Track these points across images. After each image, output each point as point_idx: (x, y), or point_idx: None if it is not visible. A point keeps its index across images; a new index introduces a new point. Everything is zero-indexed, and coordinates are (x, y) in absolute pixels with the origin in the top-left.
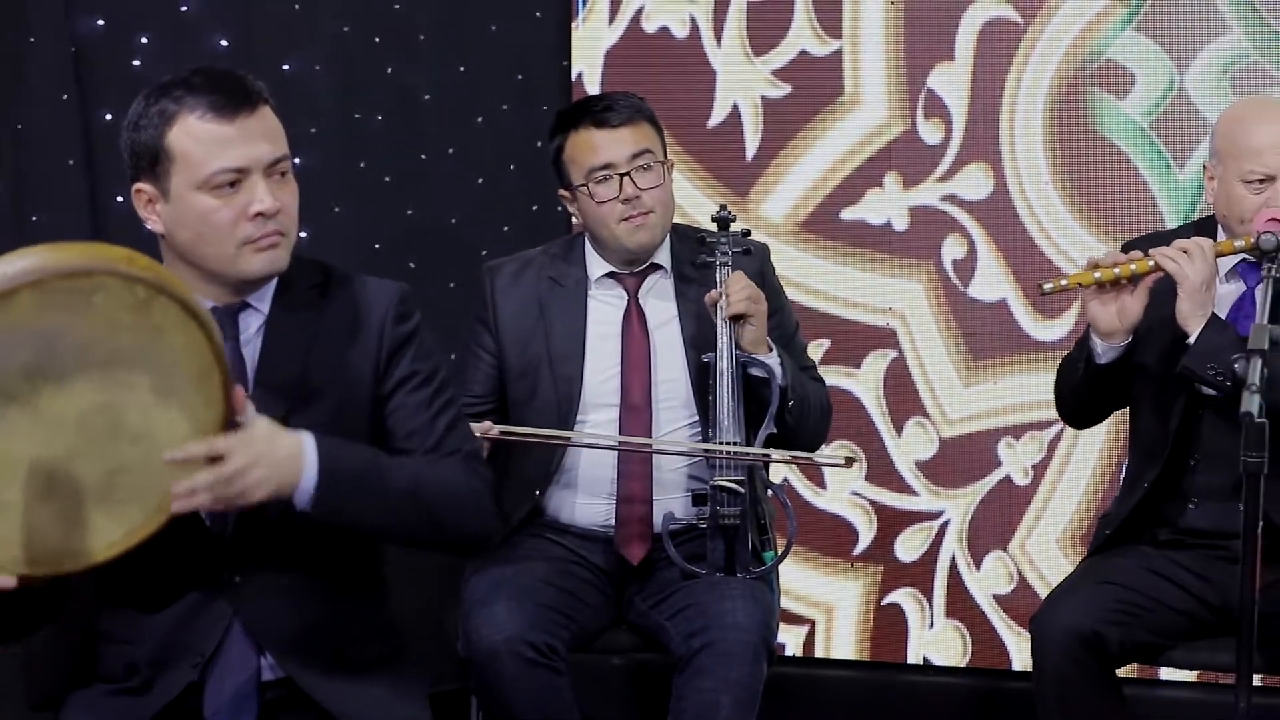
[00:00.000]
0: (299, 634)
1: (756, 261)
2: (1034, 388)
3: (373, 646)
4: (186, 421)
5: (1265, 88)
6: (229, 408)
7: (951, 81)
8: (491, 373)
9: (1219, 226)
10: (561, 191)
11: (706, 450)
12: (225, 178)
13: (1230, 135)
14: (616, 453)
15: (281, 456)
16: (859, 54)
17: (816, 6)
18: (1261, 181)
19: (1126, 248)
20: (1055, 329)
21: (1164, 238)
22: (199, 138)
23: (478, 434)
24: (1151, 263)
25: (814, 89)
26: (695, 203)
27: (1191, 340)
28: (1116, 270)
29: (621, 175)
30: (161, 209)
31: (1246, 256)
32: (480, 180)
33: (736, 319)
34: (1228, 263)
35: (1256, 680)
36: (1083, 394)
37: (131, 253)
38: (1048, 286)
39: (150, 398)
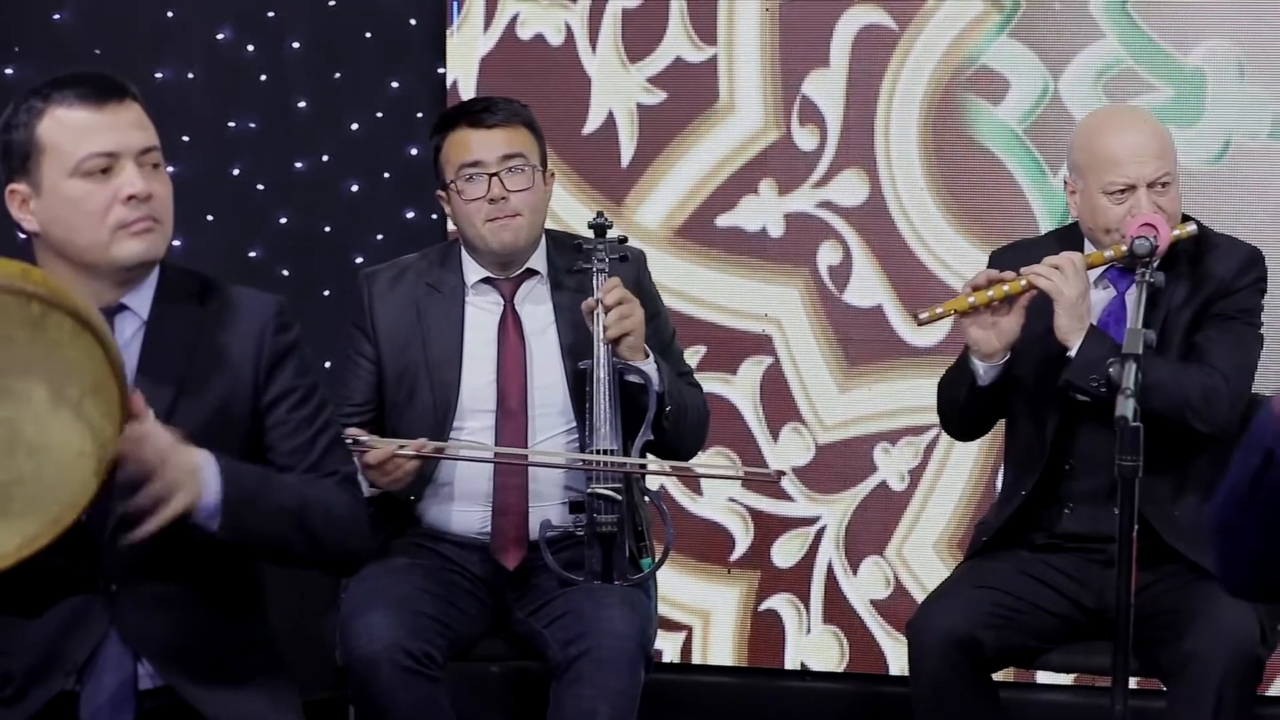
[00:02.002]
0: (176, 642)
1: (633, 268)
2: (910, 393)
3: (250, 655)
4: (84, 433)
5: (1139, 93)
6: (128, 417)
7: (827, 88)
8: (371, 379)
9: (1084, 235)
10: (438, 192)
11: (613, 462)
12: (97, 163)
13: (1088, 148)
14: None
15: (186, 468)
16: (734, 61)
17: (692, 14)
18: (1123, 191)
19: (993, 258)
20: (931, 335)
21: (1029, 247)
22: (69, 125)
23: (413, 450)
24: (1024, 282)
25: (689, 96)
26: (571, 210)
27: (1072, 354)
28: (991, 293)
29: (491, 175)
30: (35, 205)
31: (1115, 263)
32: (354, 188)
33: (617, 337)
34: (1095, 270)
35: (1132, 683)
36: (968, 414)
37: (26, 266)
38: (924, 316)
39: (46, 410)
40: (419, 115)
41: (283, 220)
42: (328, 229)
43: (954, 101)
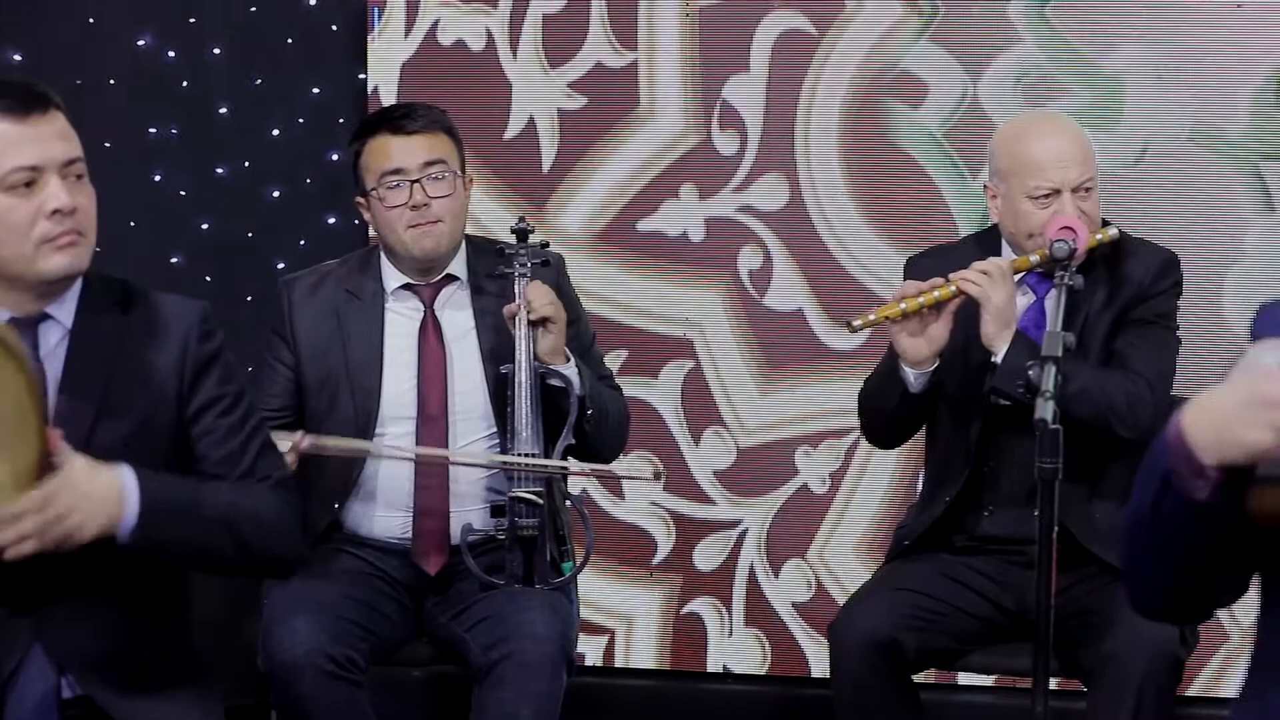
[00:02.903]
0: (99, 654)
1: (554, 273)
2: (831, 397)
3: (172, 663)
4: (2, 462)
5: (1056, 98)
6: (45, 449)
7: (747, 92)
8: (289, 385)
9: (1003, 240)
10: (358, 198)
11: (506, 462)
12: (20, 176)
13: (1010, 153)
14: (414, 465)
15: (103, 494)
16: (655, 65)
17: (612, 19)
18: (1047, 196)
19: (909, 264)
20: (851, 338)
21: (947, 252)
22: None
23: (287, 445)
24: (953, 288)
25: (610, 100)
26: (492, 215)
27: (998, 359)
28: (921, 300)
29: (412, 182)
30: None
31: (1040, 267)
32: (276, 194)
33: (541, 323)
34: (1018, 275)
35: (1053, 683)
36: (897, 422)
37: None
38: (856, 323)
39: None
40: (340, 121)
41: (204, 226)
42: (249, 235)
43: (873, 106)
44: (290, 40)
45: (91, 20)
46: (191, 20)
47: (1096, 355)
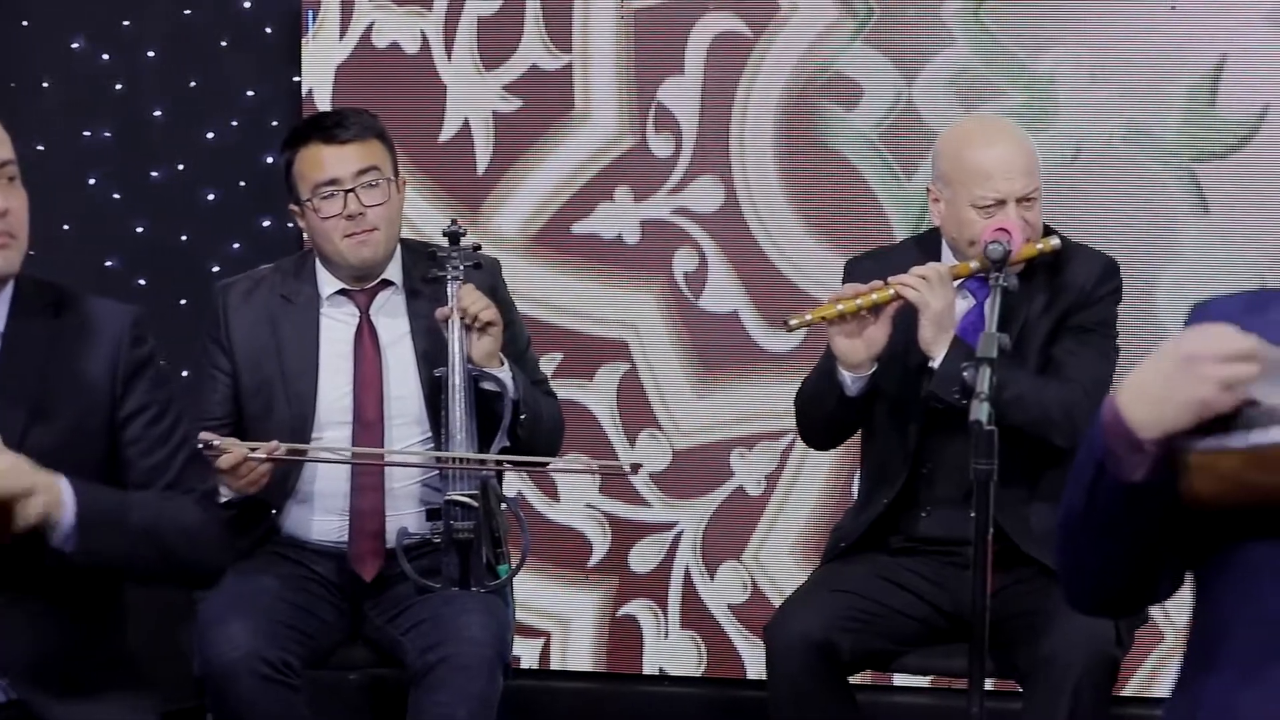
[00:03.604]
0: (34, 659)
1: (488, 276)
2: (766, 398)
3: (107, 668)
4: None
5: (991, 100)
6: None
7: (682, 94)
8: (228, 393)
9: (944, 243)
10: (291, 206)
11: (460, 459)
12: None
13: (957, 159)
14: (351, 468)
15: (44, 484)
16: (589, 67)
17: (547, 21)
18: (991, 206)
19: (849, 266)
20: (787, 340)
21: (888, 254)
22: None
23: (264, 454)
24: (892, 291)
25: (545, 103)
26: (427, 218)
27: (935, 365)
28: (859, 302)
29: (346, 191)
30: None
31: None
32: (211, 197)
33: (479, 326)
34: (958, 280)
35: (989, 684)
36: (834, 424)
37: None
38: (793, 323)
39: None
40: (275, 124)
41: (139, 230)
42: (184, 238)
43: (808, 108)
44: (224, 43)
45: (25, 23)
46: (125, 23)
47: (1034, 360)
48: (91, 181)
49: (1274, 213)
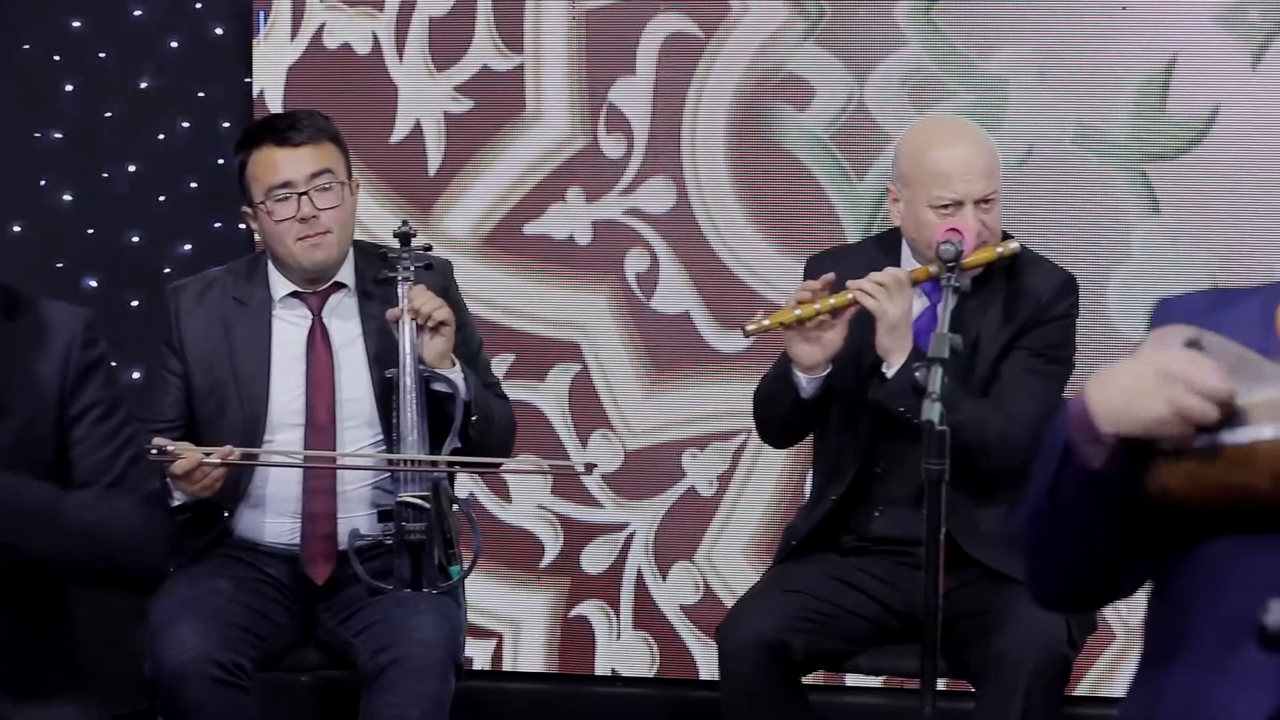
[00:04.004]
0: None
1: (439, 277)
2: (718, 399)
3: (54, 669)
4: None
5: (942, 100)
6: None
7: (633, 95)
8: (180, 395)
9: (904, 243)
10: (244, 208)
11: (400, 461)
12: None
13: (916, 160)
14: (303, 471)
15: None
16: (541, 69)
17: (498, 22)
18: (949, 207)
19: (810, 264)
20: (739, 340)
21: (847, 252)
22: None
23: (218, 459)
24: (850, 297)
25: (496, 104)
26: (378, 219)
27: (890, 373)
28: (817, 307)
29: (300, 194)
30: None
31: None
32: (162, 198)
33: (432, 327)
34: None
35: (941, 684)
36: (790, 424)
37: None
38: (751, 328)
39: None
40: (226, 125)
41: (90, 231)
42: (136, 239)
43: (760, 108)
44: (175, 44)
45: None
46: (76, 24)
47: (987, 372)
48: (43, 183)
49: (1225, 212)
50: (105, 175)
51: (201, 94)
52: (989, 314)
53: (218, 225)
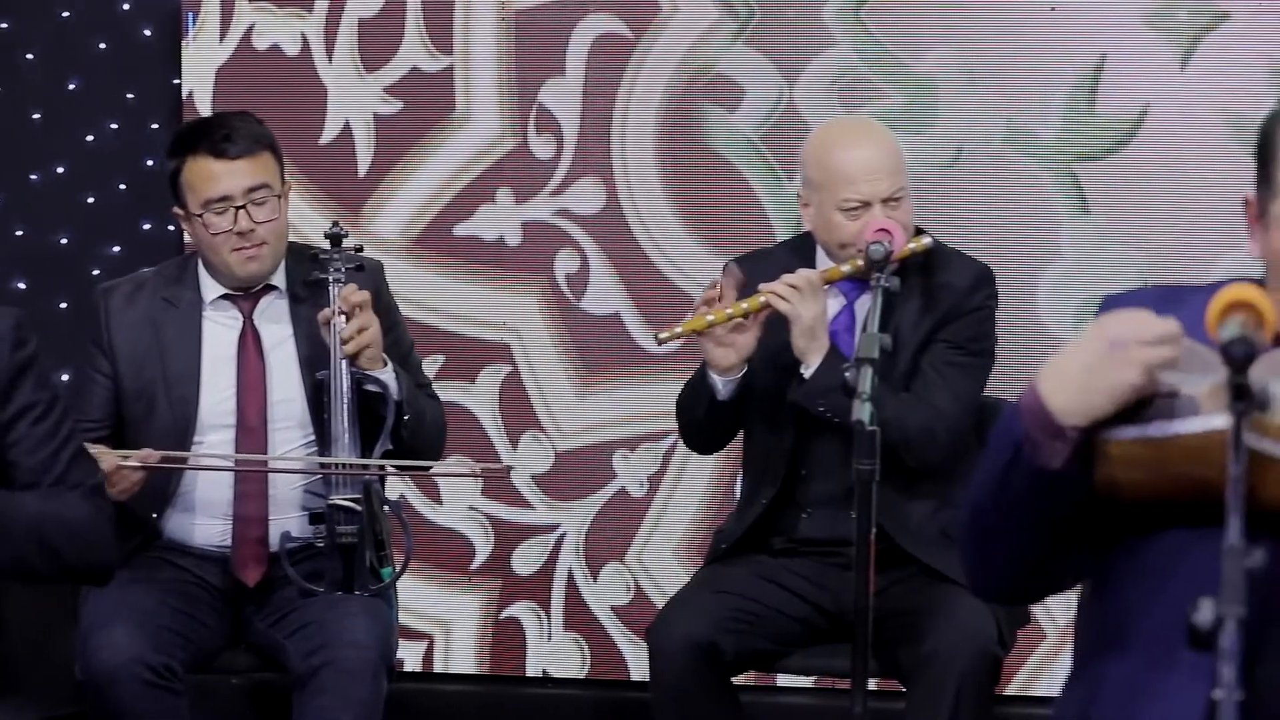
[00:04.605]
0: None
1: (370, 279)
2: (648, 400)
3: None
4: None
5: (871, 100)
6: None
7: (563, 96)
8: (108, 395)
9: (818, 246)
10: (176, 210)
11: (320, 464)
12: None
13: (821, 164)
14: (233, 473)
15: None
16: (470, 69)
17: (428, 23)
18: (857, 208)
19: (728, 268)
20: (668, 343)
21: (763, 257)
22: None
23: (137, 461)
24: (763, 299)
25: (426, 105)
26: (308, 220)
27: (807, 374)
28: (730, 311)
29: (237, 208)
30: None
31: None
32: (91, 200)
33: (352, 350)
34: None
35: (872, 684)
36: (709, 428)
37: None
38: (663, 336)
39: None
40: (155, 126)
41: (19, 233)
42: (64, 241)
43: (689, 109)
44: (104, 45)
45: None
46: (3, 25)
47: (907, 367)
48: None
49: (1154, 213)
50: (33, 177)
51: (130, 95)
52: (907, 309)
53: (147, 227)
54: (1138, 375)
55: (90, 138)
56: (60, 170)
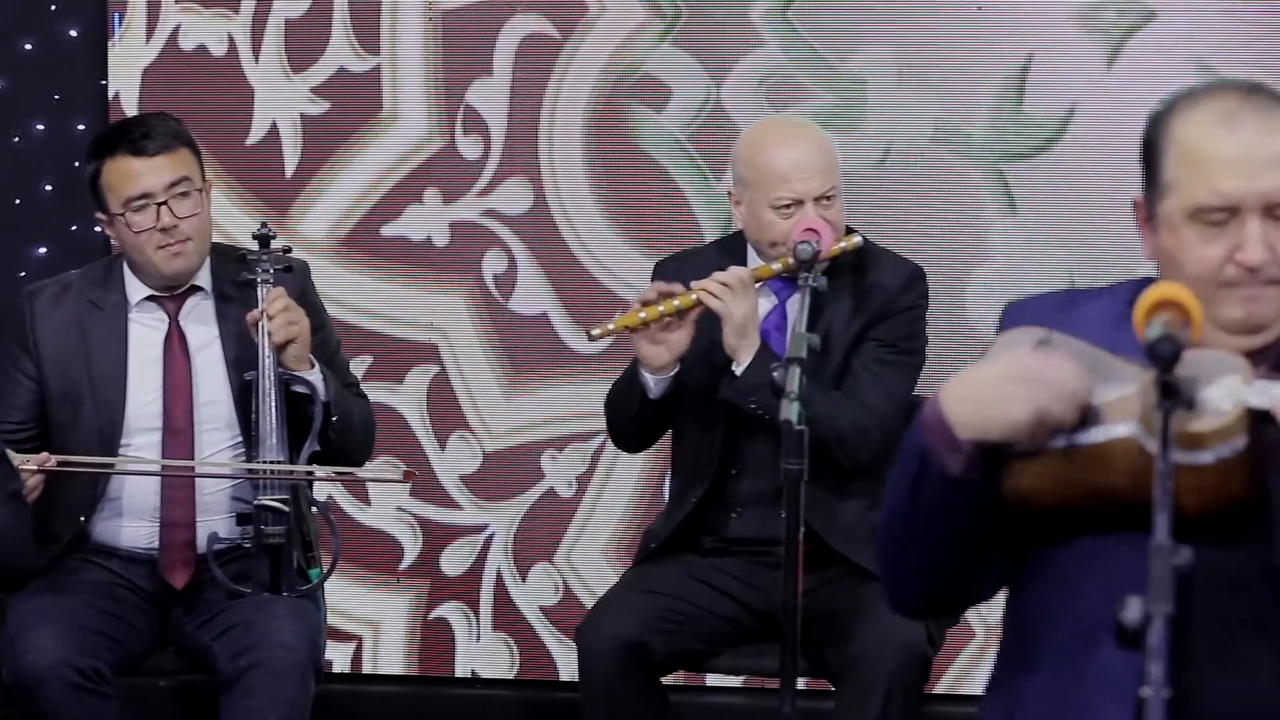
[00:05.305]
0: None
1: (297, 279)
2: (576, 400)
3: None
4: None
5: (799, 100)
6: None
7: (490, 96)
8: (32, 398)
9: (748, 245)
10: (99, 215)
11: (250, 470)
12: None
13: (753, 162)
14: (160, 476)
15: None
16: (397, 70)
17: (355, 23)
18: (789, 206)
19: (657, 268)
20: (597, 343)
21: (693, 257)
22: None
23: (35, 465)
24: (695, 297)
25: (353, 105)
26: (235, 221)
27: (738, 371)
28: (661, 308)
29: (159, 204)
30: None
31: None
32: (17, 201)
33: (279, 347)
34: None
35: (801, 683)
36: (640, 426)
37: None
38: (595, 332)
39: None
40: (81, 128)
41: None
42: None
43: (617, 109)
44: (30, 46)
45: None
46: None
47: (838, 366)
48: None
49: (1081, 213)
50: None
51: (56, 96)
52: (839, 308)
53: (74, 228)
54: (1027, 416)
55: (16, 139)
56: None
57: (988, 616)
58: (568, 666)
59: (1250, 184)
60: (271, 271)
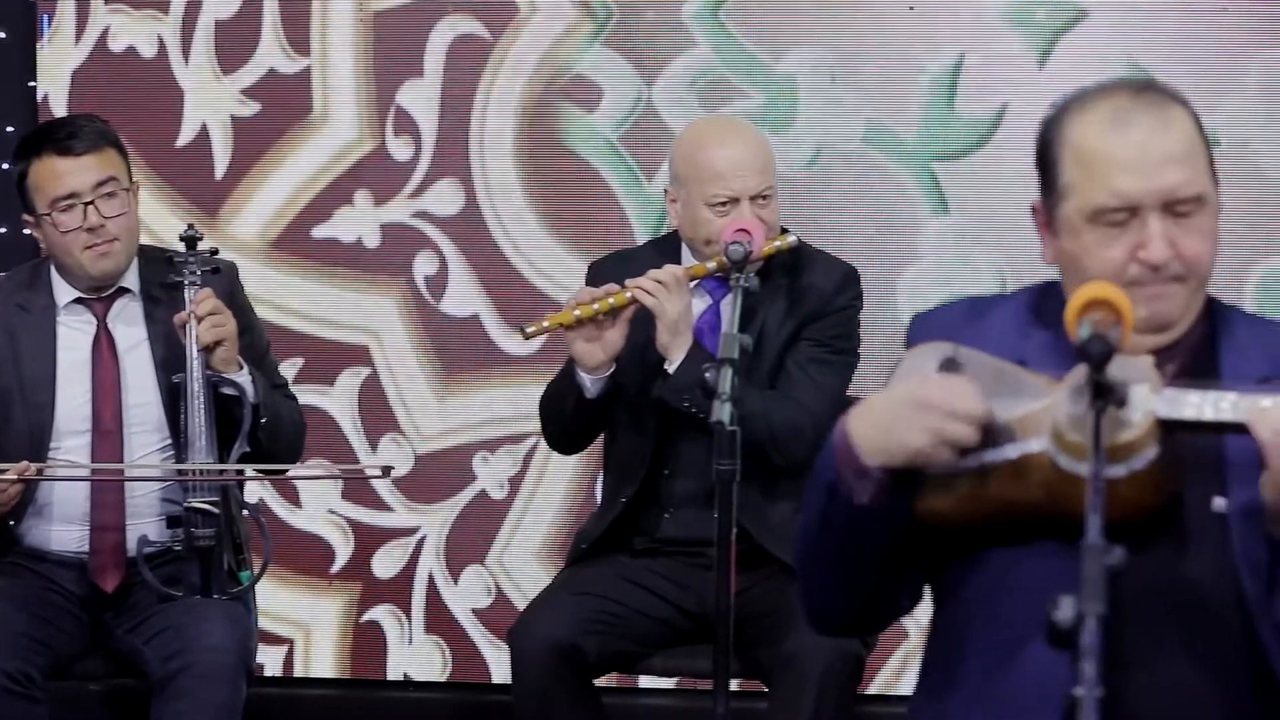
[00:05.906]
0: None
1: (226, 281)
2: (508, 401)
3: None
4: None
5: (731, 100)
6: None
7: (421, 98)
8: None
9: (683, 246)
10: (26, 216)
11: (181, 470)
12: None
13: (690, 160)
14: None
15: None
16: (328, 71)
17: (285, 24)
18: (725, 204)
19: (592, 269)
20: (528, 343)
21: (628, 257)
22: None
23: (14, 475)
24: (629, 295)
25: (283, 107)
26: (164, 223)
27: (671, 369)
28: (596, 306)
29: (86, 204)
30: None
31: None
32: None
33: (207, 348)
34: (692, 282)
35: (734, 684)
36: (575, 426)
37: None
38: (530, 330)
39: None
40: (9, 130)
41: None
42: None
43: (548, 110)
44: None
45: None
46: None
47: (771, 365)
48: None
49: (1013, 212)
50: None
51: None
52: (773, 307)
53: (2, 231)
54: (926, 442)
55: None
56: None
57: (921, 617)
58: (500, 669)
59: (1147, 183)
60: (199, 273)
